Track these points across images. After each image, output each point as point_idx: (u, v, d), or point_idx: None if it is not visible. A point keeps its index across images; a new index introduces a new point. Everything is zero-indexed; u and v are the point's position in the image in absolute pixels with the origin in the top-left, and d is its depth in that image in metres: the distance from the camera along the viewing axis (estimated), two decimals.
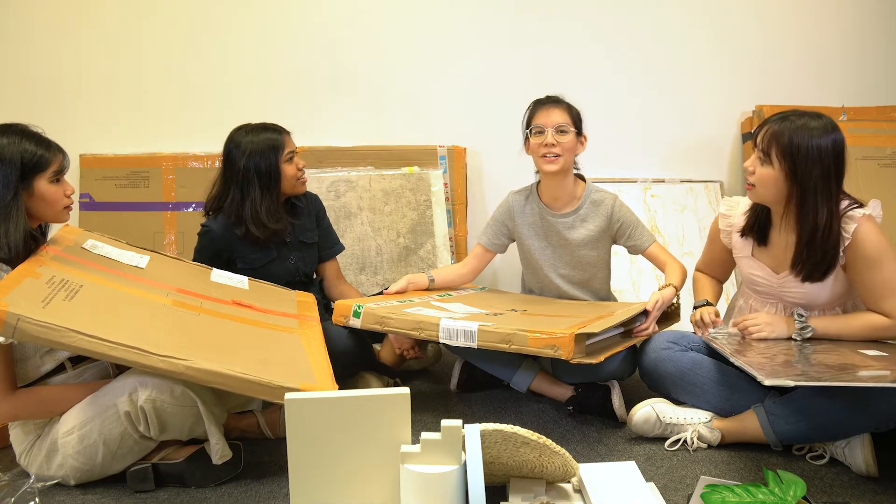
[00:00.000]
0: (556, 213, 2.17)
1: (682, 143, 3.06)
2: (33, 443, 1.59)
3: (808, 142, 1.62)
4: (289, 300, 2.04)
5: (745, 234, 1.84)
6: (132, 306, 1.62)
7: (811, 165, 1.62)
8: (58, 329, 1.39)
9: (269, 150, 2.06)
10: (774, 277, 1.79)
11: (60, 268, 1.62)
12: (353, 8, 2.93)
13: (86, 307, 1.51)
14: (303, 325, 1.89)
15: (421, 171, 2.86)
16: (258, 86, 2.94)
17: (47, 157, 1.63)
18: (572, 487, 1.47)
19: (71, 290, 1.54)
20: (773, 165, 1.66)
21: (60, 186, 1.67)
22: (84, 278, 1.63)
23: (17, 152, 1.59)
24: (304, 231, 2.22)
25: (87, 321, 1.44)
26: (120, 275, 1.74)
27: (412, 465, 1.31)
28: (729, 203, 1.91)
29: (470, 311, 1.94)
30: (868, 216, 1.67)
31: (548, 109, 2.09)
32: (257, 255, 2.13)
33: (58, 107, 2.88)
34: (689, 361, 1.81)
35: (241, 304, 1.87)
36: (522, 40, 2.97)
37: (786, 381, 1.40)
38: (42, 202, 1.63)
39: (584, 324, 1.70)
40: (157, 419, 1.52)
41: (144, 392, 1.50)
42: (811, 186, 1.63)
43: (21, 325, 1.36)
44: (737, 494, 1.34)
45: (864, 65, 3.07)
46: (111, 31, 2.89)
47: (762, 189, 1.70)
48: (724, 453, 1.72)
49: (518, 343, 1.64)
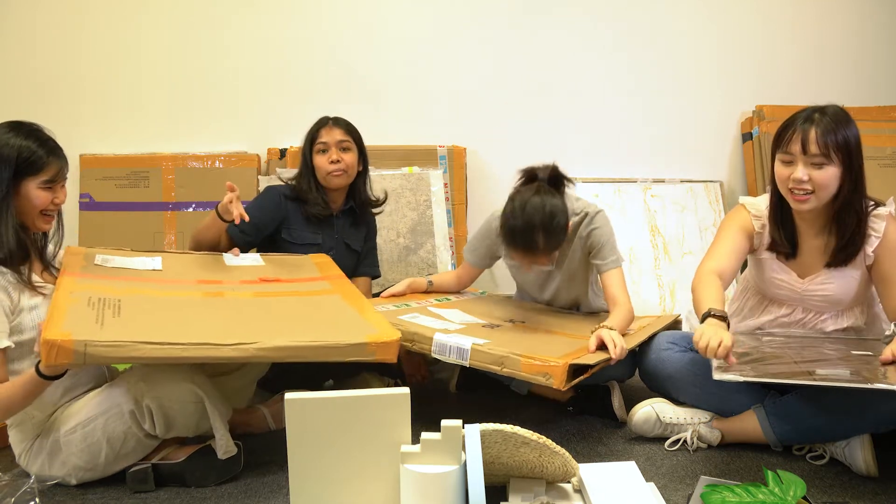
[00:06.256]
0: None
1: (682, 143, 3.06)
2: (32, 443, 1.59)
3: (847, 131, 1.63)
4: (308, 265, 2.06)
5: (776, 250, 1.78)
6: (175, 307, 1.63)
7: (857, 149, 1.64)
8: (126, 345, 1.38)
9: (307, 139, 2.21)
10: (799, 282, 1.77)
11: (90, 287, 1.62)
12: (354, 8, 2.93)
13: (136, 318, 1.51)
14: (334, 283, 1.91)
15: (421, 171, 2.86)
16: (258, 86, 2.94)
17: (45, 160, 1.58)
18: (572, 487, 1.47)
19: (113, 306, 1.54)
20: (833, 164, 1.62)
21: (50, 193, 1.61)
22: (118, 292, 1.63)
23: (15, 149, 1.56)
24: (351, 236, 2.28)
25: (146, 331, 1.43)
26: (144, 281, 1.75)
27: (412, 465, 1.31)
28: (754, 206, 1.82)
29: (467, 321, 1.93)
30: (892, 214, 1.69)
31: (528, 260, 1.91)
32: (304, 233, 2.18)
33: (58, 107, 2.87)
34: (689, 362, 1.80)
35: (267, 279, 1.88)
36: (523, 40, 2.97)
37: (735, 376, 1.46)
38: (25, 204, 1.58)
39: (580, 350, 1.70)
40: (163, 417, 1.52)
41: (149, 390, 1.50)
42: (858, 171, 1.64)
43: (90, 349, 1.35)
44: (737, 494, 1.34)
45: (864, 65, 3.07)
46: (111, 31, 2.88)
47: (823, 192, 1.64)
48: (724, 453, 1.72)
49: (510, 367, 1.63)
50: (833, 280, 1.73)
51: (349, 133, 2.18)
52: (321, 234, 2.21)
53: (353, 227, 2.29)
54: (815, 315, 1.79)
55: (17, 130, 1.58)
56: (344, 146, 2.16)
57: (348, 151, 2.17)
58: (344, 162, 2.15)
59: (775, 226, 1.77)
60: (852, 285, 1.72)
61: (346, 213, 2.27)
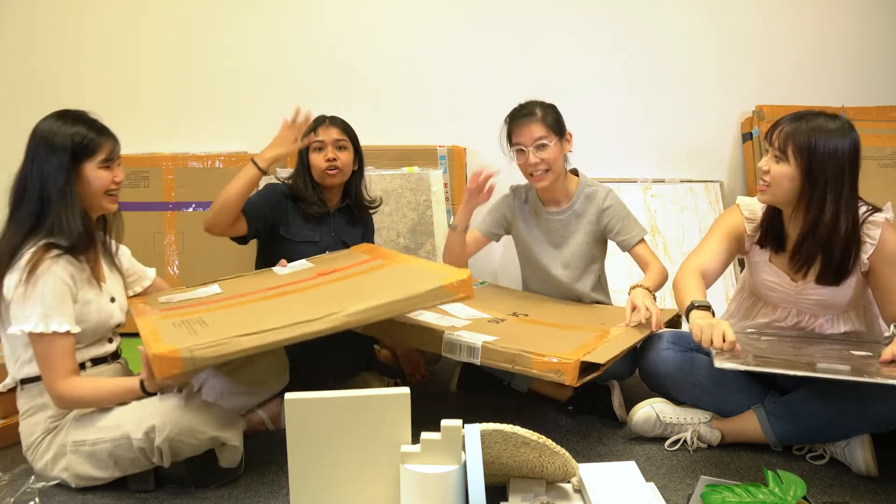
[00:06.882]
0: (552, 210, 2.18)
1: (682, 143, 3.06)
2: (43, 438, 1.58)
3: (825, 140, 1.60)
4: (355, 253, 2.09)
5: (763, 244, 1.79)
6: (255, 311, 1.65)
7: (826, 163, 1.60)
8: (227, 341, 1.40)
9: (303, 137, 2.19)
10: (791, 285, 1.76)
11: (168, 317, 1.64)
12: (354, 8, 2.93)
13: (224, 324, 1.53)
14: (387, 259, 1.94)
15: (421, 171, 2.86)
16: (258, 86, 2.94)
17: (98, 141, 1.62)
18: (572, 487, 1.47)
19: (198, 322, 1.56)
20: (788, 163, 1.62)
21: (109, 172, 1.64)
22: (196, 313, 1.64)
23: (68, 136, 1.59)
24: (348, 234, 2.28)
25: (240, 328, 1.45)
26: (214, 303, 1.76)
27: (412, 465, 1.31)
28: (749, 208, 1.83)
29: (472, 315, 1.94)
30: (888, 220, 1.66)
31: (523, 126, 2.06)
32: (302, 230, 2.18)
33: (58, 107, 2.86)
34: (689, 362, 1.80)
35: (325, 273, 1.89)
36: (523, 40, 2.97)
37: (737, 365, 1.48)
38: (88, 188, 1.62)
39: (588, 345, 1.69)
40: (173, 453, 1.51)
41: (163, 432, 1.48)
42: (822, 183, 1.60)
43: (196, 353, 1.38)
44: (737, 494, 1.34)
45: (864, 65, 3.07)
46: (111, 31, 2.89)
47: (777, 188, 1.66)
48: (724, 453, 1.72)
49: (522, 364, 1.63)
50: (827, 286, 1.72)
51: (345, 132, 2.20)
52: (318, 232, 2.21)
53: (349, 226, 2.30)
54: (811, 318, 1.78)
55: (64, 119, 1.62)
56: (340, 145, 2.18)
57: (344, 150, 2.18)
58: (340, 160, 2.16)
59: (766, 221, 1.78)
60: (847, 292, 1.71)
61: (343, 212, 2.28)
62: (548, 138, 2.05)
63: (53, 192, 1.56)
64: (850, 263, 1.65)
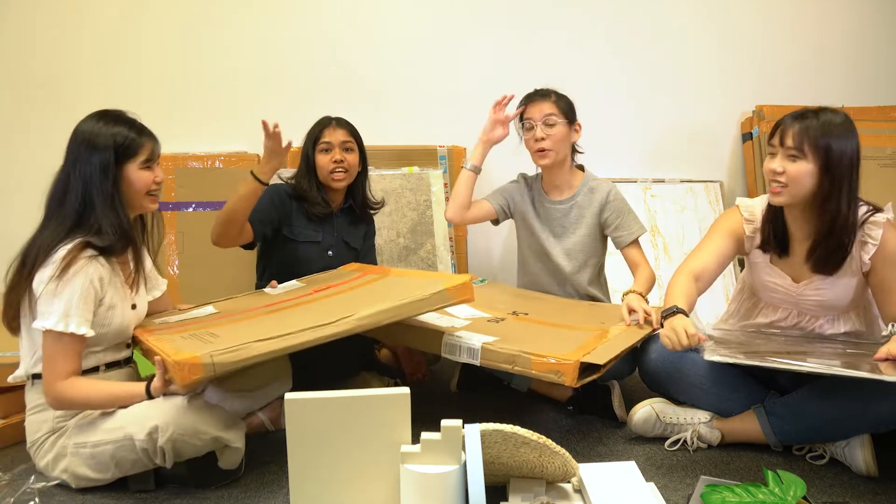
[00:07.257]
0: (553, 199, 2.21)
1: (682, 143, 3.06)
2: (46, 438, 1.58)
3: (837, 135, 1.61)
4: (346, 271, 2.12)
5: (766, 248, 1.78)
6: (261, 323, 1.66)
7: (842, 157, 1.61)
8: (244, 346, 1.42)
9: (309, 138, 2.22)
10: (793, 286, 1.76)
11: (176, 333, 1.64)
12: (354, 8, 2.93)
13: (236, 334, 1.53)
14: (381, 274, 1.97)
15: (421, 171, 2.86)
16: (258, 86, 2.93)
17: (139, 141, 1.63)
18: (572, 487, 1.47)
19: (209, 334, 1.57)
20: (807, 159, 1.62)
21: (151, 173, 1.66)
22: (204, 328, 1.64)
23: (110, 136, 1.59)
24: (350, 234, 2.29)
25: (254, 335, 1.46)
26: (214, 320, 1.76)
27: (412, 465, 1.31)
28: (749, 209, 1.82)
29: (471, 315, 1.94)
30: (889, 221, 1.67)
31: (536, 103, 2.13)
32: (305, 230, 2.19)
33: (58, 107, 2.87)
34: (688, 361, 1.80)
35: (321, 289, 1.91)
36: (522, 40, 2.97)
37: (726, 358, 1.51)
38: (130, 188, 1.62)
39: (588, 345, 1.70)
40: (175, 454, 1.51)
41: (166, 433, 1.48)
42: (839, 177, 1.61)
43: (216, 359, 1.40)
44: (737, 494, 1.34)
45: (864, 65, 3.07)
46: (111, 31, 2.88)
47: (795, 187, 1.64)
48: (724, 453, 1.72)
49: (522, 365, 1.64)
50: (827, 286, 1.72)
51: (352, 134, 2.22)
52: (321, 232, 2.22)
53: (352, 226, 2.30)
54: (811, 319, 1.78)
55: (105, 119, 1.63)
56: (347, 147, 2.19)
57: (351, 152, 2.19)
58: (347, 162, 2.17)
59: (768, 225, 1.77)
60: (848, 292, 1.71)
61: (346, 212, 2.29)
62: (557, 117, 2.10)
63: (96, 194, 1.57)
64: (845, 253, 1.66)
